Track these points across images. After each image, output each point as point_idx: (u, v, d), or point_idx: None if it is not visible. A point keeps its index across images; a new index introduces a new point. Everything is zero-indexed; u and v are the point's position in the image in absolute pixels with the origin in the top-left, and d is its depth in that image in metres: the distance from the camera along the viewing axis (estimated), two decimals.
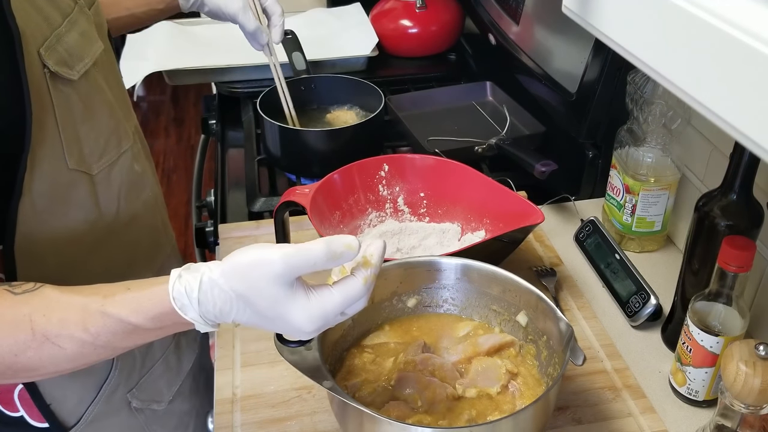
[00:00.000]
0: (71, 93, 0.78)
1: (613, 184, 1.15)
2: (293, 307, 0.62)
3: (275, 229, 1.06)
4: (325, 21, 1.85)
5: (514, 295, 0.87)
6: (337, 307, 0.63)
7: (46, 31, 0.75)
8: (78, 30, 0.80)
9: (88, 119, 0.81)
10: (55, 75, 0.75)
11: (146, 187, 0.97)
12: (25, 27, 0.71)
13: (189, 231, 2.72)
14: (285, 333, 0.67)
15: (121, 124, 0.89)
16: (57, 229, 0.80)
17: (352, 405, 0.71)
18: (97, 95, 0.83)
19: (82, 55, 0.80)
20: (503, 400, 0.82)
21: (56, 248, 0.81)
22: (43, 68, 0.73)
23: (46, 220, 0.78)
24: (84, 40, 0.81)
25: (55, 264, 0.81)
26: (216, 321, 0.64)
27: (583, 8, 0.58)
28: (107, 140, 0.85)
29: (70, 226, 0.82)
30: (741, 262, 0.79)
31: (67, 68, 0.77)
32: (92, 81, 0.82)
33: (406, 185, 1.14)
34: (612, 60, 1.12)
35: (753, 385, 0.69)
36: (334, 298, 0.63)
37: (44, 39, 0.74)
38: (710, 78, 0.43)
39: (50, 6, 0.76)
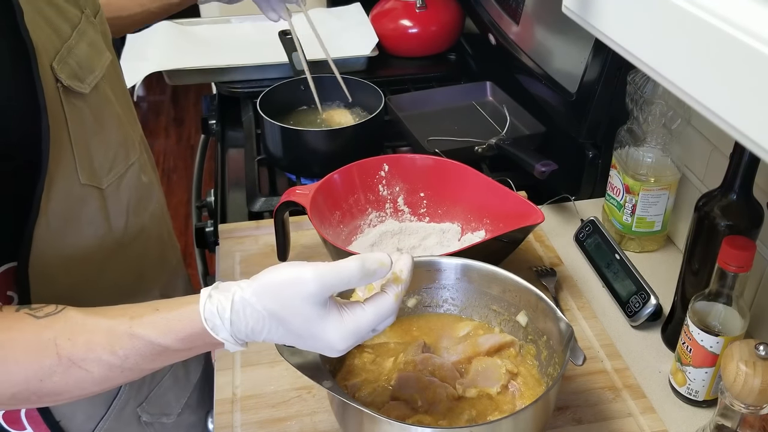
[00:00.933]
0: (83, 107, 0.76)
1: (613, 184, 1.15)
2: (327, 325, 0.62)
3: (275, 229, 1.06)
4: (325, 21, 1.84)
5: (514, 295, 0.87)
6: (369, 324, 0.63)
7: (57, 43, 0.73)
8: (87, 41, 0.78)
9: (98, 133, 0.80)
10: (68, 89, 0.73)
11: (153, 198, 0.96)
12: (38, 40, 0.69)
13: (189, 231, 2.71)
14: (317, 351, 0.65)
15: (128, 135, 0.88)
16: (69, 247, 0.79)
17: (352, 405, 0.71)
18: (107, 108, 0.82)
19: (93, 67, 0.79)
20: (503, 400, 0.82)
21: (68, 266, 0.79)
22: (56, 83, 0.72)
23: (59, 239, 0.77)
24: (93, 52, 0.79)
25: (66, 283, 0.79)
26: (247, 340, 0.63)
27: (583, 8, 0.58)
28: (116, 153, 0.84)
29: (81, 243, 0.81)
30: (741, 262, 0.79)
31: (79, 81, 0.75)
32: (102, 93, 0.81)
33: (406, 185, 1.14)
34: (612, 60, 1.12)
35: (753, 385, 0.69)
36: (367, 316, 0.63)
37: (56, 52, 0.72)
38: (710, 78, 0.43)
39: (59, 17, 0.75)
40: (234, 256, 1.15)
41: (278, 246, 1.08)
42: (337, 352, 0.64)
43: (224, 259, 1.15)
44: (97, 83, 0.79)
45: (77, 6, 0.79)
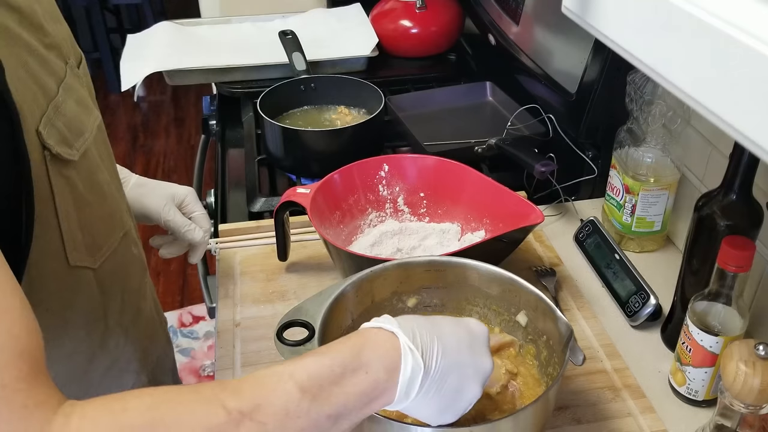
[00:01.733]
0: (72, 176, 0.67)
1: (612, 184, 1.15)
2: (466, 319, 0.70)
3: (275, 229, 1.06)
4: (325, 21, 1.85)
5: (514, 295, 0.87)
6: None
7: (43, 102, 0.63)
8: (74, 97, 0.69)
9: (88, 206, 0.70)
10: (56, 157, 0.64)
11: (143, 272, 0.89)
12: (23, 101, 0.60)
13: None
14: (474, 348, 0.67)
15: (118, 205, 0.80)
16: (59, 341, 0.71)
17: None
18: (96, 176, 0.73)
19: (82, 128, 0.70)
20: (503, 400, 0.82)
21: (60, 355, 0.72)
22: (42, 150, 0.62)
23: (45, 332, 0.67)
24: (81, 110, 0.71)
25: (60, 372, 0.70)
26: (418, 344, 0.61)
27: (583, 8, 0.58)
28: (107, 225, 0.76)
29: (70, 337, 0.72)
30: (740, 262, 0.79)
31: (67, 147, 0.66)
32: (91, 160, 0.72)
33: (406, 185, 1.15)
34: (612, 60, 1.12)
35: (752, 384, 0.69)
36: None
37: (42, 113, 0.63)
38: (710, 78, 0.43)
39: (44, 71, 0.65)
40: (234, 256, 1.15)
41: (278, 246, 1.09)
42: (486, 342, 0.69)
43: (224, 259, 1.15)
44: (87, 148, 0.70)
45: (60, 56, 0.69)
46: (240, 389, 0.54)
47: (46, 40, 0.67)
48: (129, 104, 3.85)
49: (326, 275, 1.10)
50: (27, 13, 0.64)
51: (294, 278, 1.11)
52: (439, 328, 0.64)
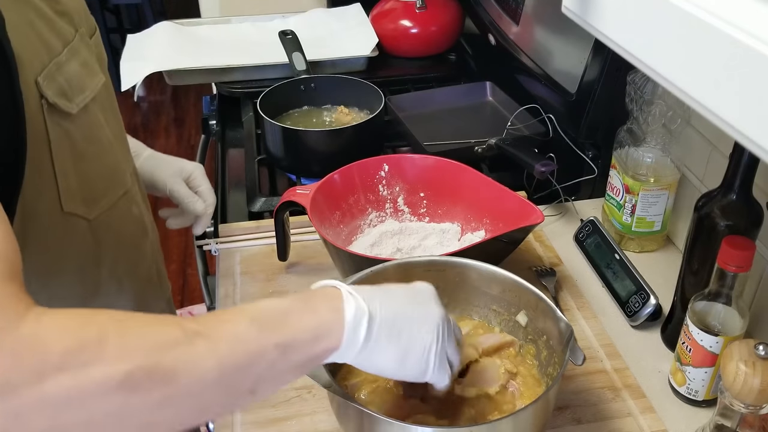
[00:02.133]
0: (69, 128, 0.71)
1: (612, 184, 1.15)
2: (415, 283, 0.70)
3: (275, 229, 1.06)
4: (325, 21, 1.85)
5: (514, 295, 0.87)
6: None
7: (45, 58, 0.68)
8: (79, 60, 0.74)
9: (85, 158, 0.74)
10: (53, 107, 0.68)
11: (144, 232, 0.91)
12: (23, 52, 0.65)
13: (189, 231, 2.71)
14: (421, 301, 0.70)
15: (120, 165, 0.83)
16: (49, 285, 0.73)
17: (352, 405, 0.72)
18: (97, 132, 0.77)
19: (83, 86, 0.74)
20: (503, 400, 0.82)
21: (49, 298, 0.73)
22: (40, 99, 0.67)
23: (38, 273, 0.71)
24: (85, 71, 0.75)
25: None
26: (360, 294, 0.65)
27: (583, 8, 0.58)
28: (107, 181, 0.79)
29: (63, 280, 0.75)
30: (740, 262, 0.79)
31: (66, 100, 0.70)
32: (92, 116, 0.76)
33: (406, 185, 1.15)
34: (612, 60, 1.12)
35: (752, 384, 0.69)
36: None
37: (43, 67, 0.68)
38: (710, 78, 0.43)
39: (50, 32, 0.70)
40: (234, 256, 1.15)
41: (278, 246, 1.09)
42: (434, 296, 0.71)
43: (224, 259, 1.15)
44: (87, 104, 0.74)
45: (71, 23, 0.74)
46: (199, 318, 0.59)
47: (57, 8, 0.72)
48: (129, 104, 3.85)
49: (326, 275, 1.10)
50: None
51: (294, 278, 1.11)
52: (381, 287, 0.69)
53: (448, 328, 0.70)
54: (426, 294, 0.71)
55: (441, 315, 0.69)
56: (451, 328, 0.71)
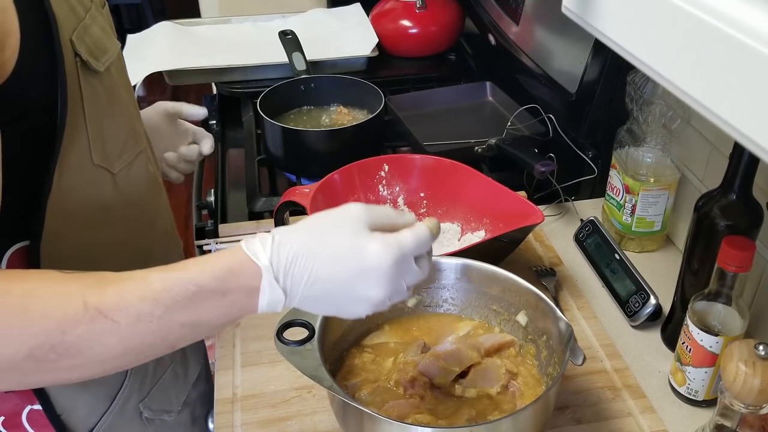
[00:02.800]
0: (97, 85, 0.76)
1: (612, 184, 1.15)
2: (370, 238, 0.62)
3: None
4: (325, 21, 1.85)
5: (514, 295, 0.87)
6: (410, 244, 0.63)
7: (74, 21, 0.74)
8: (98, 25, 0.79)
9: (110, 114, 0.79)
10: (85, 65, 0.73)
11: (160, 189, 0.96)
12: (59, 13, 0.70)
13: (189, 231, 2.71)
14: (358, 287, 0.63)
15: (135, 125, 0.89)
16: (81, 231, 0.78)
17: (352, 405, 0.72)
18: (117, 91, 0.83)
19: (105, 48, 0.79)
20: (503, 400, 0.82)
21: (79, 249, 0.78)
22: (75, 57, 0.72)
23: (72, 220, 0.76)
24: (104, 35, 0.80)
25: (75, 267, 0.77)
26: (285, 279, 0.61)
27: (583, 8, 0.58)
28: (126, 139, 0.84)
29: (93, 227, 0.80)
30: (740, 262, 0.79)
31: (94, 59, 0.75)
32: (113, 77, 0.81)
33: (406, 185, 1.15)
34: (612, 60, 1.12)
35: (752, 384, 0.69)
36: (407, 235, 0.64)
37: (73, 28, 0.73)
38: (710, 78, 0.43)
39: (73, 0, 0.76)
40: None
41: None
42: (383, 279, 0.62)
43: None
44: (109, 65, 0.79)
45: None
46: (104, 289, 0.59)
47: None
48: None
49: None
50: None
51: None
52: (319, 259, 0.62)
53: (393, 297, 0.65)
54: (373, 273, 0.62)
55: (379, 296, 0.63)
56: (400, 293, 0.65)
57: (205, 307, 0.61)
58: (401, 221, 0.66)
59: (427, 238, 0.65)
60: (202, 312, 0.61)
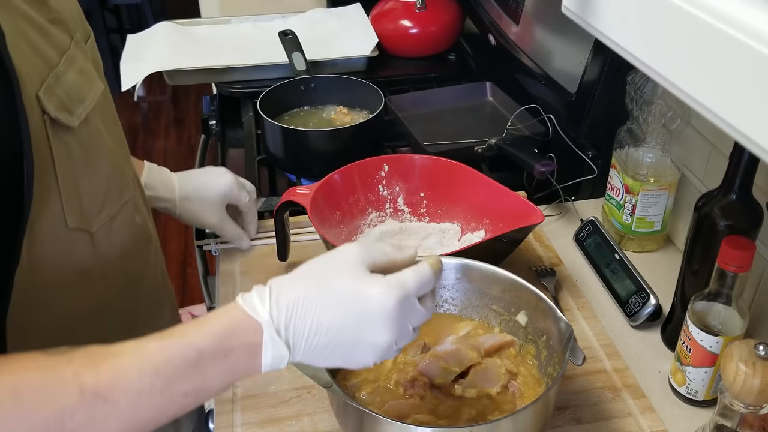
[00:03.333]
0: (71, 141, 0.69)
1: (612, 184, 1.15)
2: (371, 281, 0.60)
3: (275, 229, 1.06)
4: (325, 21, 1.85)
5: (514, 295, 0.87)
6: (413, 284, 0.62)
7: (44, 71, 0.66)
8: (76, 68, 0.71)
9: (87, 170, 0.72)
10: (55, 122, 0.66)
11: (148, 240, 0.90)
12: (21, 67, 0.62)
13: (189, 231, 2.71)
14: (363, 333, 0.61)
15: (121, 171, 0.81)
16: (53, 297, 0.72)
17: (352, 405, 0.72)
18: (97, 142, 0.75)
19: (83, 97, 0.72)
20: (503, 400, 0.82)
21: (51, 320, 0.73)
22: (42, 115, 0.64)
23: (43, 289, 0.70)
24: (83, 80, 0.73)
25: (47, 337, 0.72)
26: (287, 331, 0.59)
27: (583, 8, 0.58)
28: (107, 192, 0.77)
29: (67, 292, 0.73)
30: (740, 262, 0.79)
31: (67, 113, 0.68)
32: (92, 127, 0.74)
33: (406, 185, 1.15)
34: (612, 60, 1.12)
35: (752, 384, 0.69)
36: (409, 275, 0.62)
37: (42, 80, 0.65)
38: (710, 78, 0.43)
39: (46, 43, 0.67)
40: (234, 256, 1.15)
41: (278, 246, 1.08)
42: (387, 324, 0.60)
43: (224, 259, 1.15)
44: (87, 115, 0.72)
45: (66, 31, 0.72)
46: (99, 368, 0.56)
47: (50, 15, 0.69)
48: (129, 104, 3.84)
49: None
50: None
51: None
52: (321, 308, 0.60)
53: (399, 341, 0.63)
54: (374, 317, 0.61)
55: (385, 342, 0.61)
56: (406, 335, 0.63)
57: (207, 373, 0.58)
58: (400, 258, 0.64)
59: (430, 277, 0.64)
60: (205, 378, 0.58)
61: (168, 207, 1.06)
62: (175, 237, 2.83)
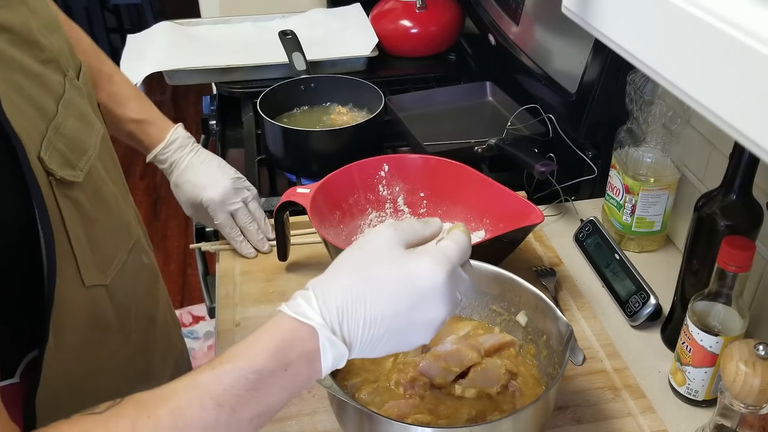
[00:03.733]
0: (78, 196, 0.66)
1: (612, 184, 1.15)
2: (417, 259, 0.59)
3: (275, 229, 1.06)
4: (325, 21, 1.85)
5: (514, 295, 0.87)
6: (454, 251, 0.60)
7: (42, 125, 0.62)
8: (75, 114, 0.68)
9: (95, 222, 0.69)
10: (61, 181, 0.63)
11: (156, 279, 0.88)
12: (21, 128, 0.58)
13: (189, 231, 2.71)
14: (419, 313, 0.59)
15: (125, 215, 0.79)
16: (76, 363, 0.69)
17: (352, 405, 0.72)
18: (103, 190, 0.72)
19: (84, 147, 0.69)
20: (503, 400, 0.82)
21: (74, 380, 0.69)
22: (47, 177, 0.61)
23: (68, 356, 0.67)
24: (83, 126, 0.69)
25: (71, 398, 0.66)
26: (342, 329, 0.57)
27: (583, 8, 0.58)
28: (116, 239, 0.75)
29: (90, 351, 0.71)
30: (740, 262, 0.79)
31: (71, 169, 0.65)
32: (96, 175, 0.71)
33: (406, 185, 1.15)
34: (612, 60, 1.12)
35: (752, 384, 0.69)
36: (450, 245, 0.61)
37: (41, 137, 0.61)
38: (710, 78, 0.43)
39: (42, 91, 0.64)
40: (234, 256, 1.15)
41: (278, 246, 1.09)
42: (442, 295, 0.59)
43: (224, 259, 1.15)
44: (92, 165, 0.69)
45: (58, 70, 0.68)
46: (155, 413, 0.52)
47: (42, 56, 0.65)
48: None
49: None
50: (20, 32, 0.62)
51: (294, 278, 1.11)
52: (372, 298, 0.58)
53: (451, 312, 0.62)
54: (426, 294, 0.59)
55: (440, 315, 0.60)
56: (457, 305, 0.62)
57: (270, 392, 0.55)
58: (429, 233, 0.63)
59: (467, 243, 0.63)
60: (268, 398, 0.55)
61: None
62: (175, 236, 2.84)
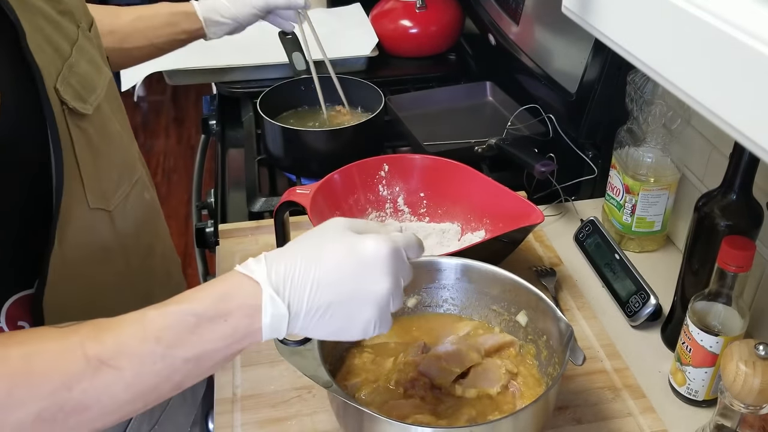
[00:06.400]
0: (87, 128, 0.74)
1: (612, 184, 1.15)
2: (363, 237, 0.62)
3: (275, 229, 1.06)
4: (325, 21, 1.84)
5: (514, 295, 0.87)
6: (400, 238, 0.64)
7: (58, 63, 0.70)
8: (86, 58, 0.76)
9: (102, 154, 0.77)
10: (72, 111, 0.71)
11: (157, 214, 0.95)
12: (41, 61, 0.66)
13: (189, 231, 2.72)
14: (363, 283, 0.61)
15: (129, 153, 0.87)
16: (83, 275, 0.76)
17: (352, 405, 0.72)
18: (109, 127, 0.80)
19: (94, 85, 0.76)
20: (503, 400, 0.82)
21: (81, 293, 0.77)
22: (61, 105, 0.69)
23: (72, 266, 0.74)
24: (93, 69, 0.77)
25: (79, 310, 0.73)
26: (284, 290, 0.60)
27: (583, 8, 0.58)
28: (120, 172, 0.82)
29: (92, 270, 0.78)
30: (740, 262, 0.79)
31: (82, 102, 0.72)
32: (103, 113, 0.78)
33: (406, 185, 1.15)
34: (612, 60, 1.12)
35: (753, 384, 0.69)
36: (395, 233, 0.65)
37: (57, 72, 0.69)
38: (710, 78, 0.43)
39: (58, 34, 0.72)
40: (234, 256, 1.15)
41: (278, 246, 1.08)
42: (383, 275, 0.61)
43: (224, 259, 1.15)
44: (99, 103, 0.77)
45: (73, 20, 0.76)
46: (102, 337, 0.58)
47: (60, 7, 0.74)
48: (129, 104, 3.82)
49: None
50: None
51: None
52: (318, 265, 0.61)
53: (395, 295, 0.63)
54: (373, 266, 0.61)
55: (385, 289, 0.62)
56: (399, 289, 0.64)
57: (207, 338, 0.59)
58: (383, 229, 0.66)
59: (416, 240, 0.66)
60: (204, 343, 0.59)
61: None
62: (175, 237, 2.83)
